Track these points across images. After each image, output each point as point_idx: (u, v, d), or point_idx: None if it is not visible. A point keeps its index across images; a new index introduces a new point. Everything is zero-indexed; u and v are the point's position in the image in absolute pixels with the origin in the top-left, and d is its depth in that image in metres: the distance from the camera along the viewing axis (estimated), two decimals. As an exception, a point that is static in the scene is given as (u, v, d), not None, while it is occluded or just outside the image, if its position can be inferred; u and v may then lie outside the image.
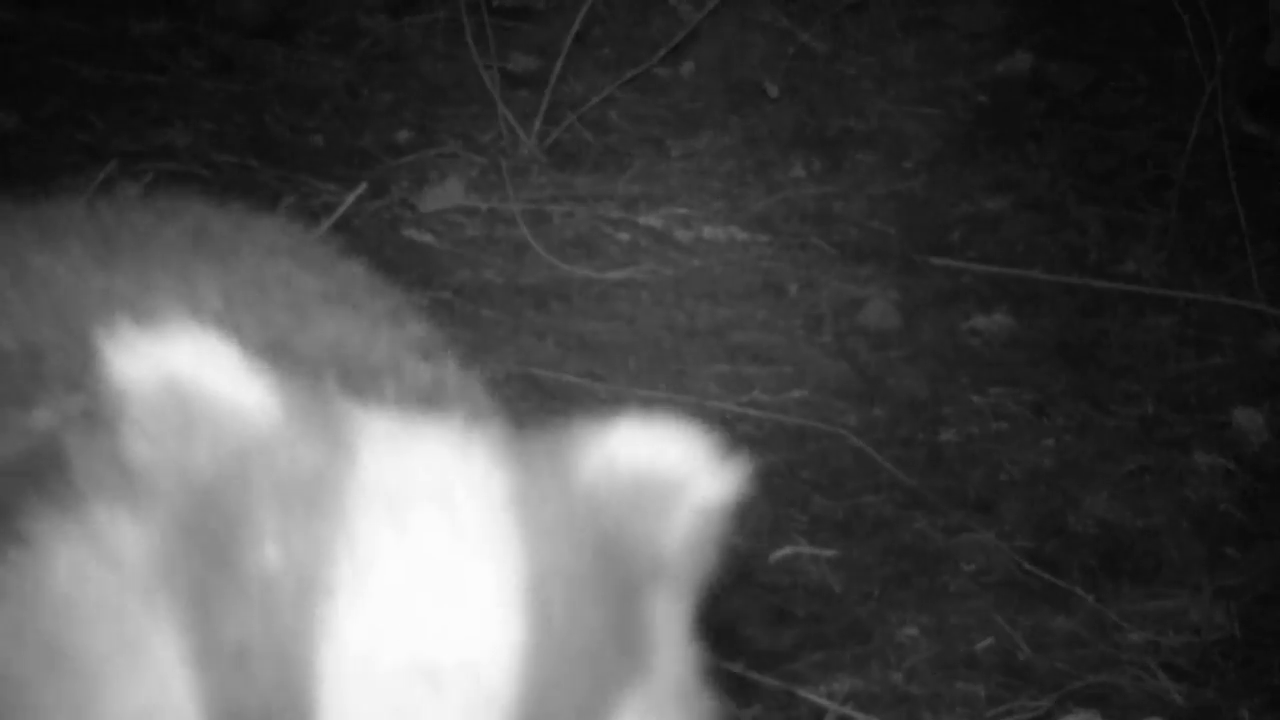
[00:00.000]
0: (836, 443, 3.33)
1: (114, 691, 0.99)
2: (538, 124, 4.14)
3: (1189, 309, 3.87)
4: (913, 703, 2.75)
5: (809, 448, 3.31)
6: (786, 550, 3.04)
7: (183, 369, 1.03)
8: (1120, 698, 2.81)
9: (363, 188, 2.92)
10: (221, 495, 1.01)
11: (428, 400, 1.33)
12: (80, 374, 1.18)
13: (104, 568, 1.02)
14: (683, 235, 3.94)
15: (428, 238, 3.78)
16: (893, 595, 2.98)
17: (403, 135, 4.14)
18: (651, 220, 3.96)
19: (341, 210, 2.83)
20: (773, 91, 4.39)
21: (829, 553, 3.05)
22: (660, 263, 3.83)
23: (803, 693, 2.71)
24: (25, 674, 1.01)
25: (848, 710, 2.68)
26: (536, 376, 3.35)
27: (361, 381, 1.27)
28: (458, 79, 4.38)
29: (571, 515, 1.09)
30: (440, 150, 4.08)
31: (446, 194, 3.90)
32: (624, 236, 3.90)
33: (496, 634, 1.02)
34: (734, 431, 3.33)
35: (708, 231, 3.96)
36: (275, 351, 1.24)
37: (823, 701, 2.70)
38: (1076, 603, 3.00)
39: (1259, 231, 4.06)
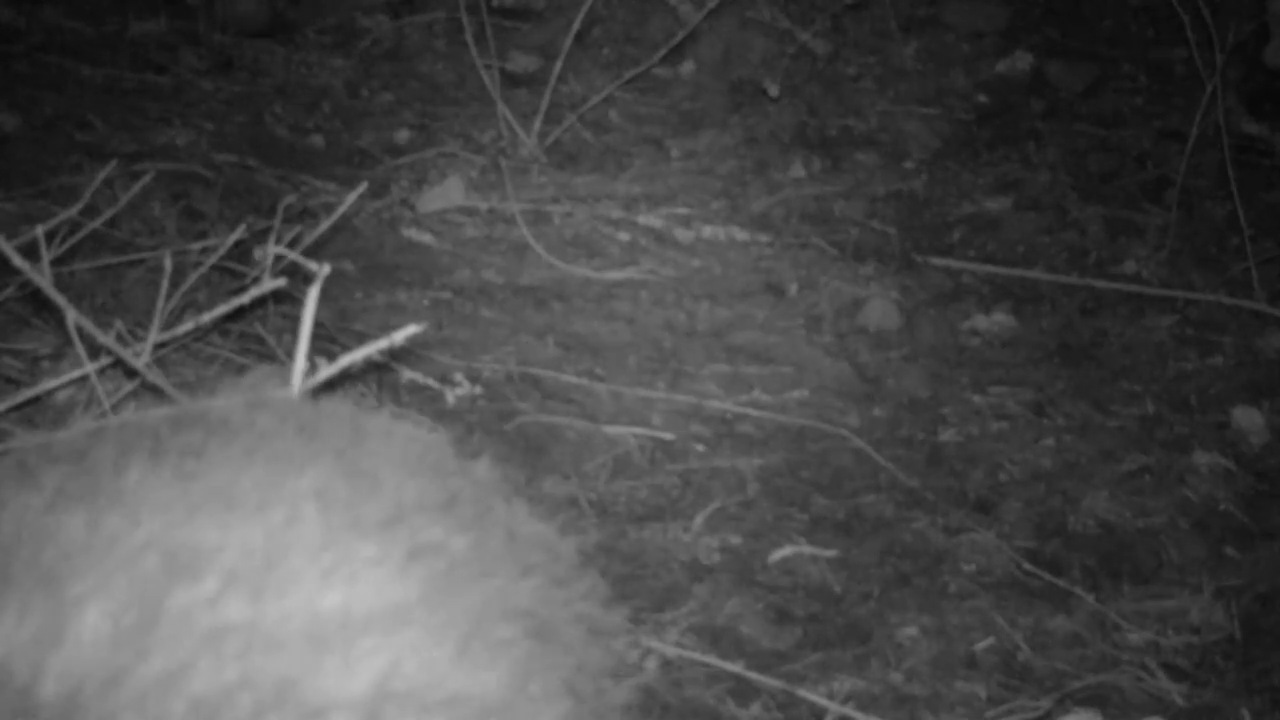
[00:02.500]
0: (836, 443, 3.33)
1: None
2: (538, 124, 4.14)
3: (1189, 309, 3.87)
4: (913, 703, 2.75)
5: (809, 448, 3.31)
6: (786, 550, 3.04)
7: None
8: (1120, 698, 2.81)
9: (363, 188, 2.91)
10: None
11: None
12: None
13: None
14: (683, 235, 3.94)
15: (428, 238, 3.78)
16: (893, 595, 2.98)
17: (403, 135, 4.14)
18: (651, 220, 3.96)
19: (341, 210, 2.83)
20: (773, 91, 4.39)
21: (829, 553, 3.05)
22: (660, 263, 3.83)
23: (803, 693, 2.71)
24: None
25: (848, 710, 2.68)
26: (536, 376, 3.35)
27: None
28: (458, 79, 4.38)
29: None
30: (440, 150, 4.09)
31: (446, 194, 3.90)
32: (624, 236, 3.90)
33: None
34: (734, 431, 3.33)
35: (708, 231, 3.96)
36: None
37: (823, 701, 2.70)
38: (1076, 603, 3.00)
39: (1259, 231, 4.06)
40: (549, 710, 1.33)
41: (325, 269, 1.92)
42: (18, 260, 2.44)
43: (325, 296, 3.30)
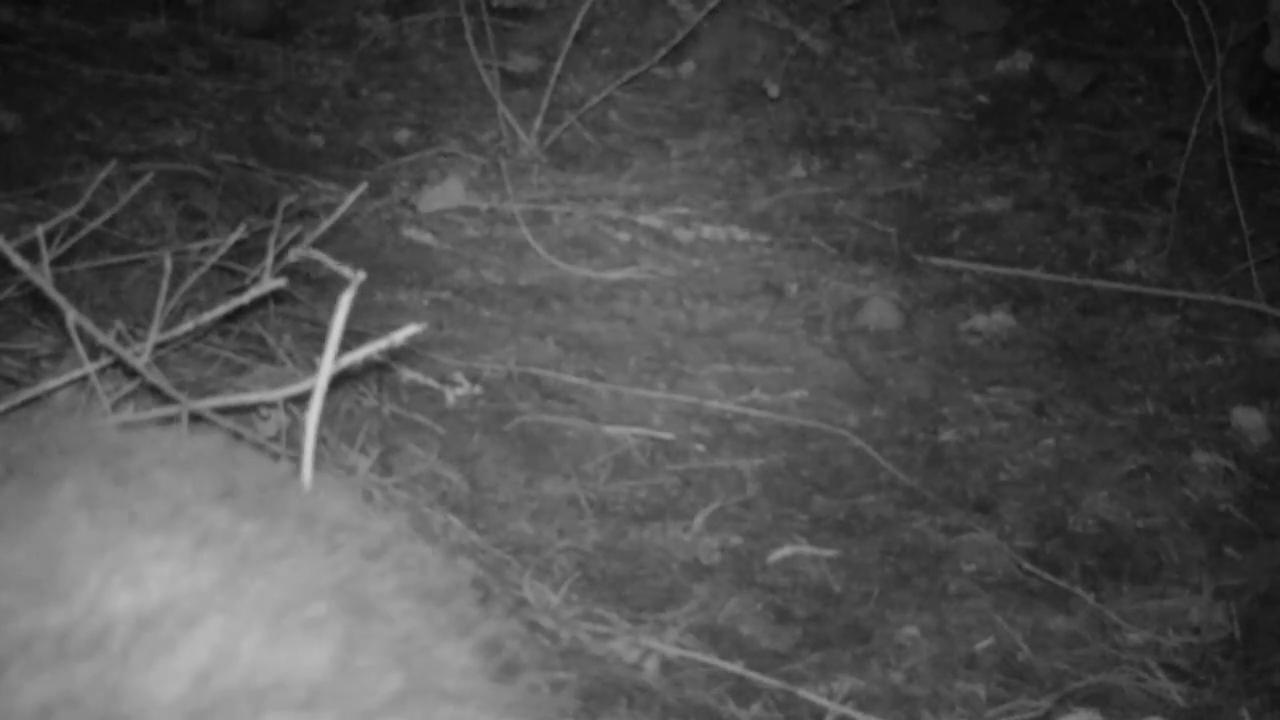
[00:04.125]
0: (836, 443, 3.33)
1: None
2: (538, 124, 4.14)
3: (1189, 309, 3.87)
4: (913, 703, 2.75)
5: (809, 448, 3.31)
6: (786, 550, 3.04)
7: None
8: (1120, 698, 2.81)
9: (363, 188, 2.91)
10: None
11: None
12: None
13: None
14: (683, 235, 3.94)
15: (428, 238, 3.78)
16: (893, 595, 2.98)
17: (403, 135, 4.14)
18: (651, 220, 3.96)
19: (341, 210, 2.83)
20: (773, 91, 4.39)
21: (829, 553, 3.05)
22: (660, 263, 3.83)
23: (803, 693, 2.70)
24: None
25: (848, 710, 2.68)
26: (536, 376, 3.35)
27: None
28: (458, 79, 4.38)
29: None
30: (440, 150, 4.09)
31: (446, 194, 3.90)
32: (624, 236, 3.90)
33: None
34: (734, 431, 3.33)
35: (708, 231, 3.96)
36: None
37: (823, 701, 2.70)
38: (1076, 603, 3.00)
39: (1259, 231, 4.06)
40: (379, 683, 1.26)
41: (360, 275, 1.92)
42: (18, 260, 2.44)
43: (327, 296, 3.31)
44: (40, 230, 2.51)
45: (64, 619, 1.20)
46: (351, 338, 1.95)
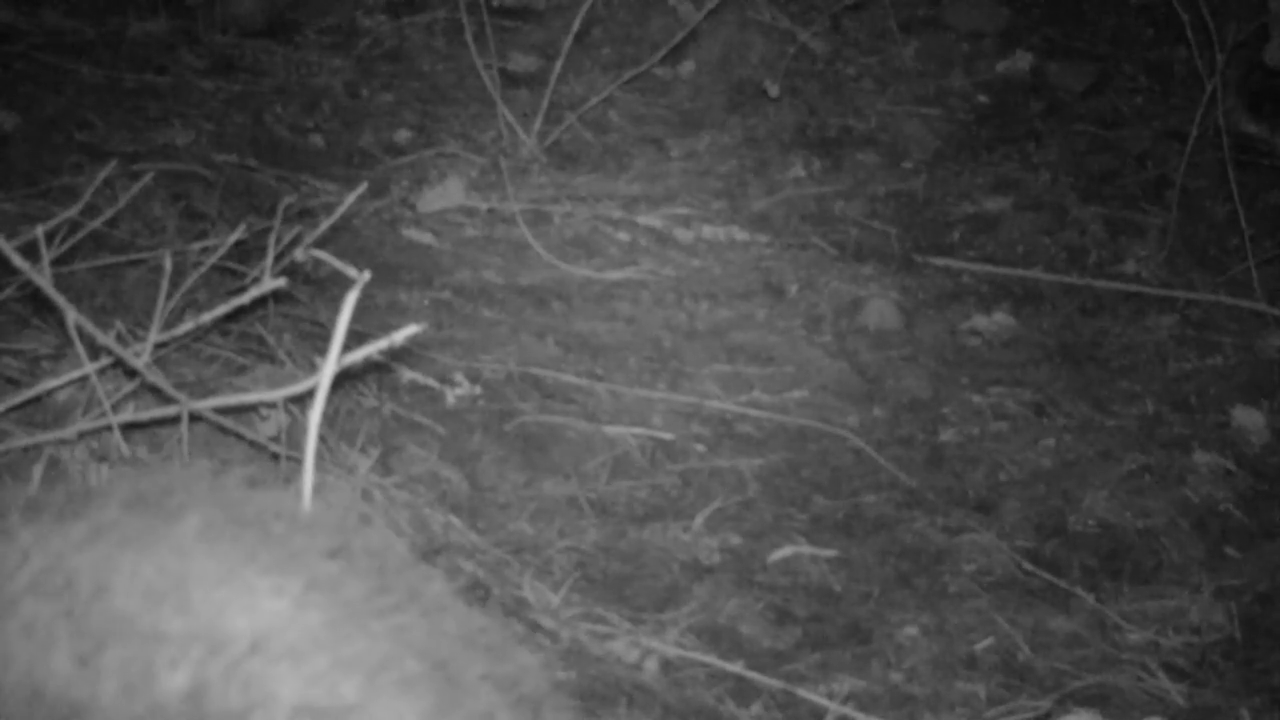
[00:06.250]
0: (836, 443, 3.33)
1: None
2: (538, 124, 4.14)
3: (1189, 309, 3.87)
4: (913, 703, 2.75)
5: (809, 448, 3.31)
6: (786, 550, 3.04)
7: None
8: (1120, 698, 2.81)
9: (363, 188, 2.92)
10: None
11: None
12: None
13: None
14: (683, 235, 3.94)
15: (428, 238, 3.78)
16: (893, 595, 2.98)
17: (403, 135, 4.13)
18: (651, 220, 3.96)
19: (341, 210, 2.83)
20: (773, 91, 4.39)
21: (829, 553, 3.05)
22: (660, 263, 3.83)
23: (803, 693, 2.71)
24: None
25: (848, 710, 2.68)
26: (536, 376, 3.35)
27: None
28: (458, 79, 4.38)
29: None
30: (440, 150, 4.08)
31: (446, 194, 3.90)
32: (624, 236, 3.90)
33: None
34: (734, 431, 3.33)
35: (708, 231, 3.96)
36: None
37: (823, 701, 2.70)
38: (1076, 603, 3.00)
39: (1259, 231, 4.06)
40: None
41: (366, 274, 1.92)
42: (18, 260, 2.44)
43: (327, 296, 3.31)
44: (40, 230, 2.52)
45: (185, 627, 1.27)
46: (352, 338, 1.95)
